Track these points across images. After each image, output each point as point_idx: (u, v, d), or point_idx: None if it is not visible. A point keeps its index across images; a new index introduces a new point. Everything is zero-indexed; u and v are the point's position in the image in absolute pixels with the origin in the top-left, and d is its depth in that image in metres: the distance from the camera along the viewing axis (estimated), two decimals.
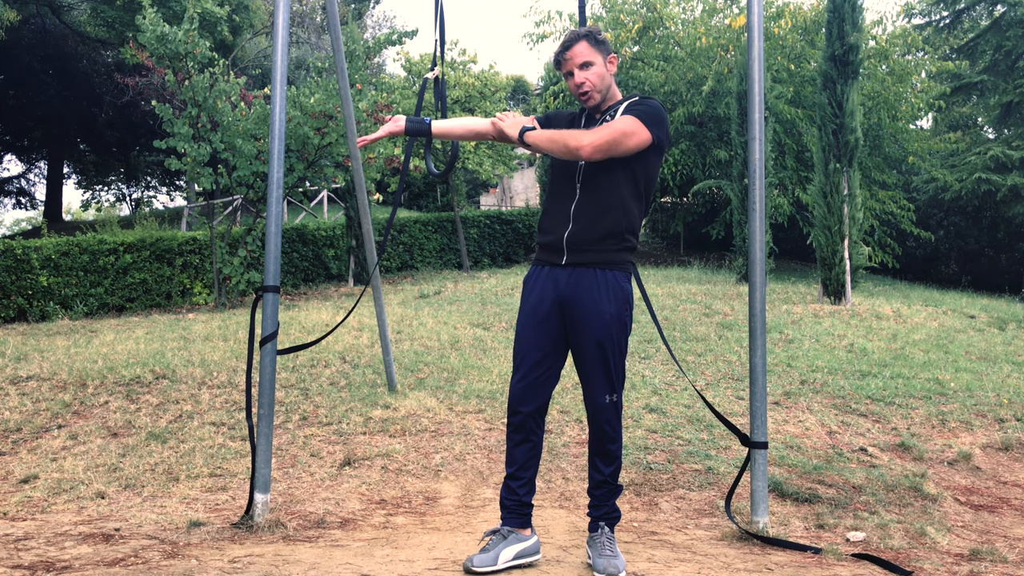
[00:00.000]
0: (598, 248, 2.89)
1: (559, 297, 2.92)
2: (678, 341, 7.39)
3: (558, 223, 2.95)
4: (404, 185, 4.54)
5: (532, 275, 3.02)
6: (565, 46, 2.96)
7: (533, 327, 2.95)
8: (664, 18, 17.51)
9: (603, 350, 2.87)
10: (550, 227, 2.98)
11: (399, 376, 5.97)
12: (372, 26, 32.80)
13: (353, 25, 13.07)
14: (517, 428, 2.97)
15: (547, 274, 2.96)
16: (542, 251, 3.02)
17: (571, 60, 2.94)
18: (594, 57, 2.93)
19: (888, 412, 5.59)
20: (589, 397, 2.94)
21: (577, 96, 2.96)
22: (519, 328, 3.01)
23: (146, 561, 2.97)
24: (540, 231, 3.04)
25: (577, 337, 2.91)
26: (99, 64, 23.86)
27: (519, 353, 2.98)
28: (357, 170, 5.31)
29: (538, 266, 3.02)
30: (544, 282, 2.96)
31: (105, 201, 35.07)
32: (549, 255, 2.98)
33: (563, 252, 2.92)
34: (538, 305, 2.95)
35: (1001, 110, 19.79)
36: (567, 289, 2.90)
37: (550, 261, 2.97)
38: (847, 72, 9.92)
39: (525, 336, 2.97)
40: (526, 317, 2.98)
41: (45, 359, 6.59)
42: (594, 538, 2.96)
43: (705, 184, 16.17)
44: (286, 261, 13.92)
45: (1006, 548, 3.49)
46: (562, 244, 2.92)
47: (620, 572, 2.81)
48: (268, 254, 3.56)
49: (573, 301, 2.89)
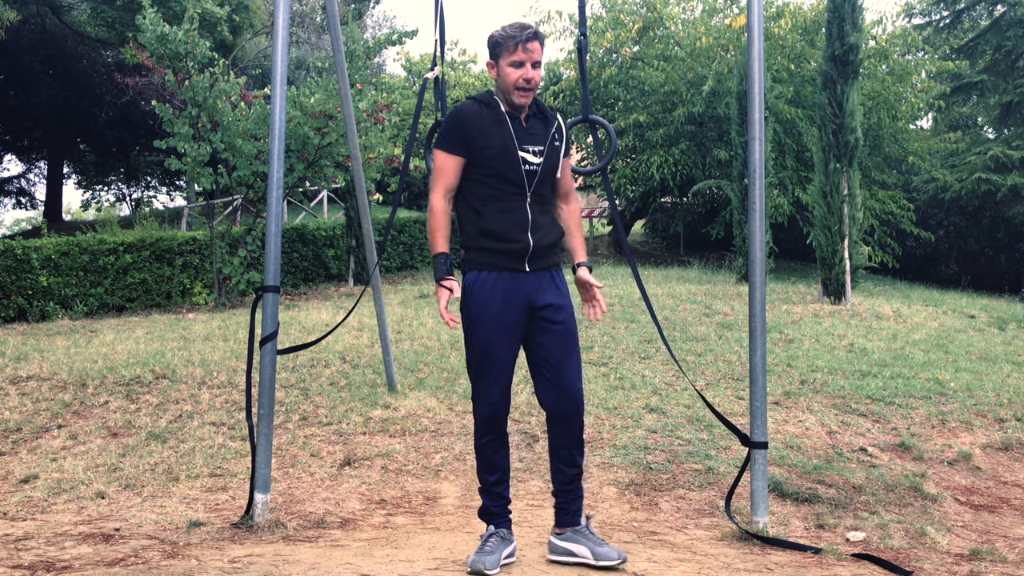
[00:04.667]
0: (552, 253, 3.01)
1: (530, 303, 2.93)
2: (678, 341, 7.39)
3: (517, 229, 2.91)
4: (404, 185, 4.54)
5: (483, 282, 2.91)
6: (529, 36, 2.88)
7: (502, 335, 2.90)
8: (664, 18, 17.51)
9: (574, 339, 2.99)
10: (506, 233, 2.90)
11: (399, 376, 5.97)
12: (372, 26, 32.79)
13: (353, 25, 13.07)
14: (496, 437, 2.96)
15: (508, 280, 2.92)
16: (495, 256, 2.91)
17: (533, 53, 2.88)
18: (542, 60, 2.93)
19: (888, 412, 5.59)
20: (561, 394, 2.94)
21: (521, 88, 2.89)
22: (485, 337, 2.90)
23: (146, 561, 2.97)
24: (488, 236, 2.91)
25: (549, 336, 2.94)
26: (99, 64, 23.85)
27: (491, 363, 2.90)
28: (357, 170, 5.31)
29: (489, 271, 2.92)
30: (506, 290, 2.91)
31: (105, 201, 35.07)
32: (508, 261, 2.91)
33: (526, 259, 2.93)
34: (503, 312, 2.90)
35: (1001, 110, 19.80)
36: (537, 293, 2.94)
37: (510, 267, 2.92)
38: (847, 72, 9.92)
39: (495, 344, 2.89)
40: (491, 325, 2.88)
41: (45, 359, 6.59)
42: (582, 531, 3.01)
43: (705, 184, 16.17)
44: (286, 261, 13.92)
45: (1006, 548, 3.49)
46: (527, 251, 2.92)
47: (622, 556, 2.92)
48: (268, 254, 3.56)
49: (545, 304, 2.94)
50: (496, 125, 2.91)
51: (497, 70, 2.94)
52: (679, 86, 16.74)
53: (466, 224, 2.98)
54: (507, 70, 2.89)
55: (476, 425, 2.97)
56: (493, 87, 3.03)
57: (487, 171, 2.91)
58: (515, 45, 2.87)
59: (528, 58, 2.87)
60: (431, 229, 2.93)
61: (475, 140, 2.89)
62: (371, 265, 5.23)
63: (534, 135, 2.97)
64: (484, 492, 3.01)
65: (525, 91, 2.90)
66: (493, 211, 2.91)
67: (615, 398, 5.56)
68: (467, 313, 2.95)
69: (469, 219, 2.96)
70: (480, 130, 2.89)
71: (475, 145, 2.90)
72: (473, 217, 2.95)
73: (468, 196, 2.95)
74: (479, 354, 2.92)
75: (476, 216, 2.94)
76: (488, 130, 2.90)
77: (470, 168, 2.93)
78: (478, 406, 2.95)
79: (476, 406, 2.95)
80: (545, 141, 2.98)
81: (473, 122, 2.90)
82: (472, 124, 2.90)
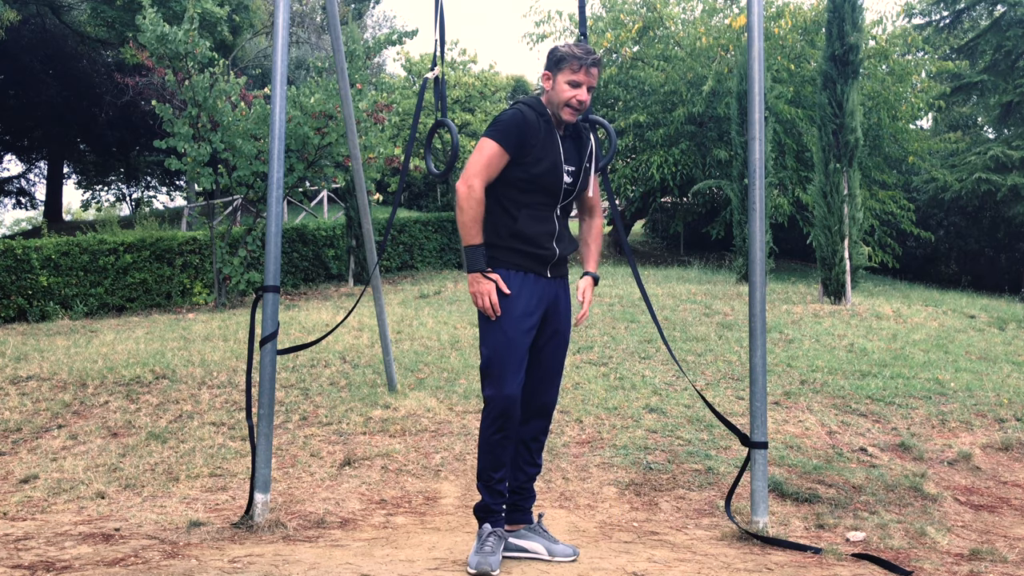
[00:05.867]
0: (566, 263, 3.14)
1: (546, 308, 3.02)
2: (678, 341, 7.39)
3: (547, 238, 2.99)
4: (404, 185, 4.53)
5: (512, 280, 2.95)
6: (594, 62, 2.94)
7: (524, 333, 2.94)
8: (664, 18, 17.51)
9: (565, 350, 3.13)
10: (538, 240, 2.96)
11: (399, 376, 5.97)
12: (372, 26, 32.80)
13: (353, 25, 13.07)
14: (507, 434, 2.95)
15: (533, 283, 2.98)
16: (523, 258, 2.96)
17: (592, 78, 2.95)
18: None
19: (888, 412, 5.59)
20: (547, 393, 3.09)
21: (572, 107, 2.94)
22: (511, 333, 2.91)
23: (146, 561, 2.97)
24: (520, 239, 2.95)
25: (553, 343, 3.06)
26: (99, 64, 23.84)
27: (513, 358, 2.91)
28: (357, 170, 5.31)
29: (519, 271, 2.97)
30: (531, 291, 2.97)
31: (105, 201, 35.07)
32: (535, 265, 2.99)
33: (549, 266, 3.02)
34: (528, 312, 2.95)
35: (1001, 110, 19.80)
36: (555, 300, 3.05)
37: (536, 271, 2.99)
38: (847, 72, 9.92)
39: (519, 341, 2.92)
40: (518, 322, 2.93)
41: (45, 359, 6.59)
42: (536, 528, 3.08)
43: (705, 184, 16.17)
44: (286, 261, 13.92)
45: (1006, 548, 3.49)
46: (552, 259, 3.01)
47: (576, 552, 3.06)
48: (268, 254, 3.56)
49: (556, 311, 3.05)
50: (550, 139, 2.98)
51: (553, 82, 2.98)
52: (679, 86, 16.74)
53: (497, 224, 2.97)
54: (563, 86, 2.94)
55: (489, 421, 2.93)
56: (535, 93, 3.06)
57: (531, 183, 2.95)
58: (579, 66, 2.93)
59: (587, 81, 2.94)
60: (469, 217, 2.88)
61: (531, 149, 2.92)
62: (371, 265, 5.23)
63: (571, 154, 3.05)
64: (487, 489, 2.98)
65: (574, 111, 2.96)
66: (527, 217, 2.96)
67: (615, 398, 5.56)
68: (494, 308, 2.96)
69: (501, 220, 2.97)
70: (537, 139, 2.93)
71: (528, 153, 2.92)
72: (506, 220, 2.96)
73: (503, 199, 2.96)
74: (503, 349, 2.90)
75: (510, 219, 2.96)
76: (544, 143, 2.95)
77: (513, 172, 2.93)
78: (495, 402, 2.90)
79: (492, 402, 2.91)
80: (579, 162, 3.07)
81: (533, 131, 2.93)
82: (532, 132, 2.93)
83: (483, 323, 2.97)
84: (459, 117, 20.72)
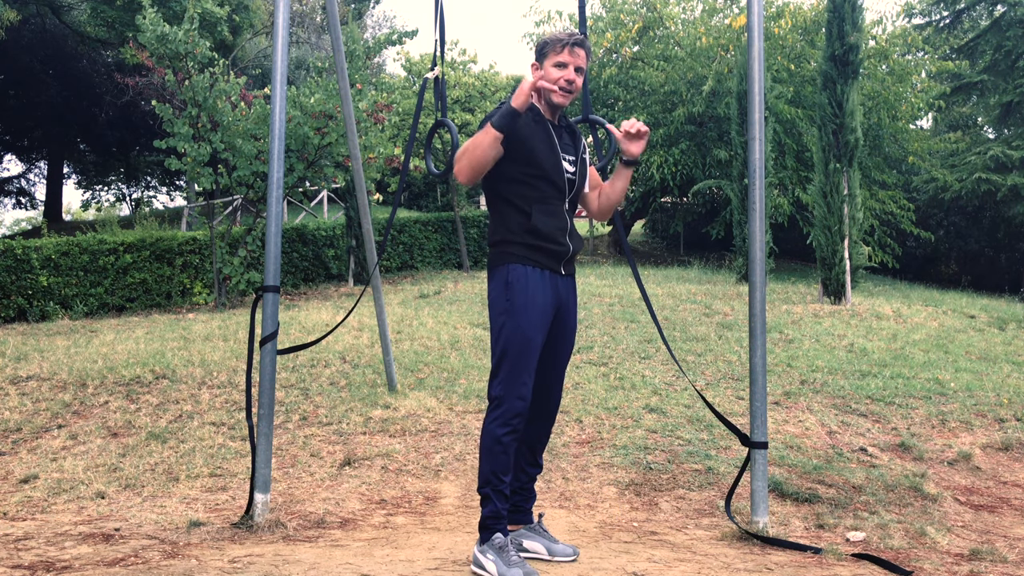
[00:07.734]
0: (575, 260, 3.12)
1: (559, 305, 3.00)
2: (678, 341, 7.39)
3: (560, 233, 2.95)
4: (404, 185, 4.53)
5: (530, 276, 2.89)
6: (576, 42, 2.92)
7: (540, 330, 2.89)
8: (664, 18, 17.52)
9: (571, 350, 3.13)
10: (552, 235, 2.92)
11: (399, 376, 5.97)
12: (372, 26, 32.80)
13: (353, 25, 13.07)
14: (519, 435, 2.90)
15: (548, 279, 2.94)
16: (539, 254, 2.91)
17: (577, 58, 2.92)
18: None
19: (888, 412, 5.59)
20: (553, 394, 3.09)
21: (560, 89, 2.90)
22: (528, 330, 2.85)
23: (146, 561, 2.97)
24: (535, 235, 2.90)
25: (562, 341, 3.05)
26: (99, 64, 23.85)
27: (528, 356, 2.85)
28: (357, 170, 5.31)
29: (535, 268, 2.91)
30: (547, 287, 2.92)
31: (105, 201, 35.08)
32: (550, 261, 2.94)
33: (562, 262, 2.99)
34: (545, 309, 2.90)
35: (1001, 110, 19.80)
36: (566, 297, 3.03)
37: (551, 267, 2.95)
38: (847, 72, 9.92)
39: (535, 338, 2.86)
40: (535, 318, 2.86)
41: (45, 359, 6.59)
42: (536, 528, 3.07)
43: (705, 184, 16.18)
44: (286, 261, 13.92)
45: (1006, 548, 3.49)
46: (566, 255, 2.99)
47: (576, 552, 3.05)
48: (268, 254, 3.56)
49: (567, 310, 3.04)
50: (541, 128, 2.94)
51: (542, 71, 2.96)
52: (679, 86, 16.74)
53: (510, 221, 2.93)
54: (551, 70, 2.92)
55: (501, 422, 2.82)
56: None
57: (535, 173, 2.90)
58: (562, 47, 2.91)
59: (572, 61, 2.91)
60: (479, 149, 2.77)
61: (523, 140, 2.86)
62: (371, 265, 5.23)
63: (567, 145, 3.03)
64: (496, 494, 2.84)
65: (565, 92, 2.93)
66: (540, 213, 2.91)
67: (615, 398, 5.56)
68: (511, 304, 2.87)
69: (514, 218, 2.92)
70: (528, 129, 2.90)
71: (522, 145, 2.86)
72: (519, 217, 2.91)
73: (513, 197, 2.92)
74: (519, 346, 2.84)
75: (523, 216, 2.91)
76: (535, 133, 2.92)
77: (513, 167, 2.89)
78: (509, 401, 2.83)
79: (506, 400, 2.83)
80: (576, 154, 3.05)
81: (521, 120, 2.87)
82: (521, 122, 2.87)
83: (501, 319, 2.89)
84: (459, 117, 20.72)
